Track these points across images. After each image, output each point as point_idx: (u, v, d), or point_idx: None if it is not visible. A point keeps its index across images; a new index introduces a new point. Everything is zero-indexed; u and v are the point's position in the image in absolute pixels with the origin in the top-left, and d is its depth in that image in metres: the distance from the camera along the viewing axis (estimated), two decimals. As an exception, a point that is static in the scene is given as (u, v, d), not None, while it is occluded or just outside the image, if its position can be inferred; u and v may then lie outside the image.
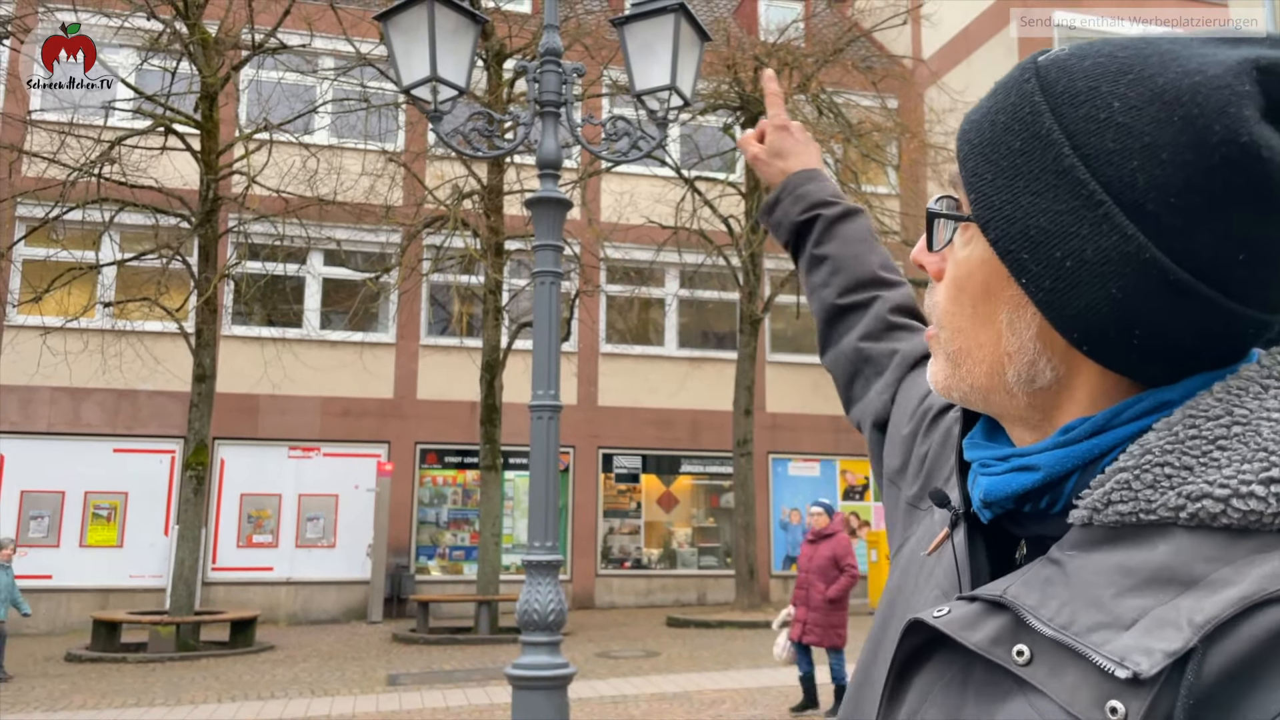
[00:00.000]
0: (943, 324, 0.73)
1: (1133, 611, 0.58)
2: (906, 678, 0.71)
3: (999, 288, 0.69)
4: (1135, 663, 0.55)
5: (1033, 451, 0.70)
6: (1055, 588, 0.63)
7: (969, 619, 0.66)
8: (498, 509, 14.74)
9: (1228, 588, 0.56)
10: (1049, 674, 0.60)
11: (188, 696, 9.60)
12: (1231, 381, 0.64)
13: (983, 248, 0.69)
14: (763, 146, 1.43)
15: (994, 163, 0.68)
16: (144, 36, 13.67)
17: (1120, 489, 0.63)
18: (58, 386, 15.56)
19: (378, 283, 15.52)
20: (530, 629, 5.03)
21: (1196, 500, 0.60)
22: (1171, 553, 0.60)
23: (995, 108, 0.69)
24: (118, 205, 13.29)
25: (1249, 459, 0.60)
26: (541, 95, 5.60)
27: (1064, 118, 0.65)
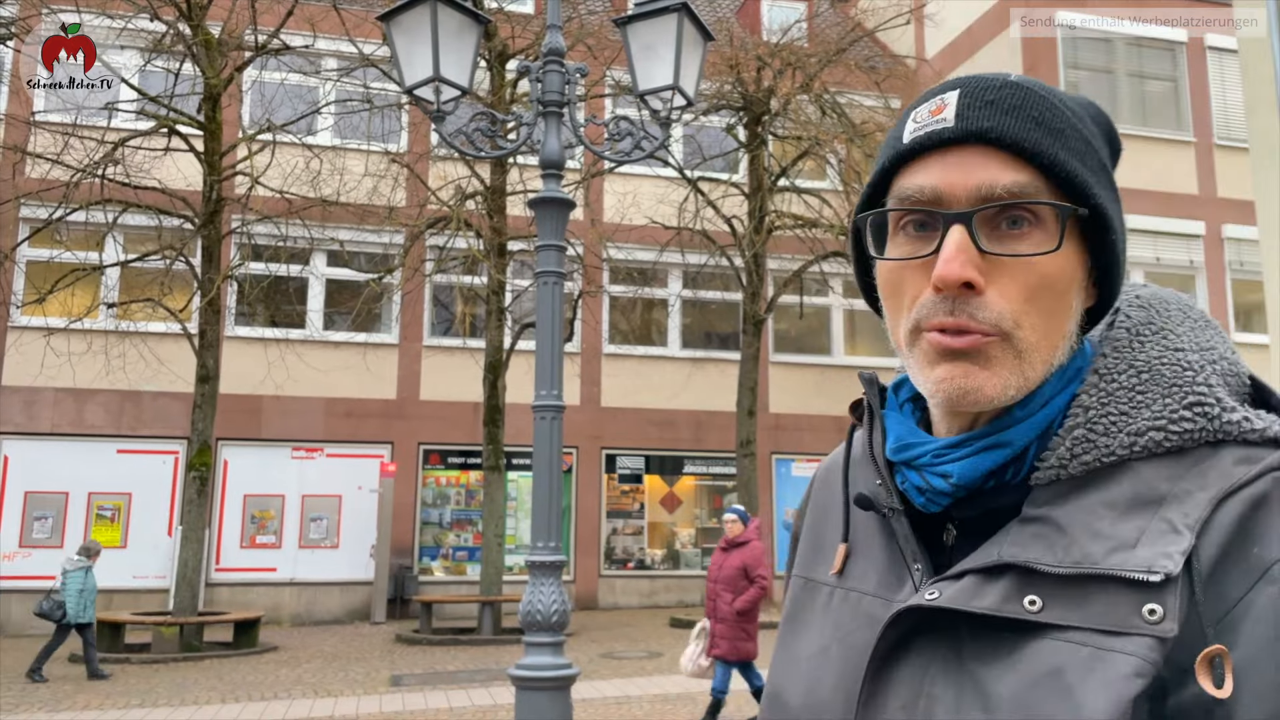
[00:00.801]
0: (1020, 324, 0.75)
1: (1132, 532, 0.70)
2: (887, 673, 0.77)
3: (1076, 276, 0.78)
4: (1162, 566, 0.67)
5: (997, 429, 0.78)
6: (1050, 537, 0.73)
7: (967, 591, 0.74)
8: (501, 509, 14.74)
9: (1198, 492, 0.71)
10: (1068, 609, 0.70)
11: (191, 697, 9.60)
12: (1110, 341, 0.80)
13: (1071, 243, 0.77)
14: None
15: (1083, 164, 0.78)
16: (147, 38, 13.69)
17: (1080, 443, 0.75)
18: (61, 387, 15.58)
19: (381, 283, 15.53)
20: (533, 630, 5.02)
21: (1142, 435, 0.74)
22: (1137, 481, 0.73)
23: (1059, 124, 0.78)
24: (121, 206, 13.30)
25: (1167, 394, 0.76)
26: (544, 95, 5.60)
27: (1084, 128, 0.80)
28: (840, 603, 0.86)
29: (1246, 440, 0.73)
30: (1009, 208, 0.75)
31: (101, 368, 15.05)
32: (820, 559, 0.93)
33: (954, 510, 0.81)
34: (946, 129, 0.77)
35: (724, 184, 16.94)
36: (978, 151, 0.76)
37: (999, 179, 0.75)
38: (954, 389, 0.76)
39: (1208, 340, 0.81)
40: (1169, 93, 18.28)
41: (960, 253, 0.74)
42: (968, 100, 0.78)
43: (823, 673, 0.84)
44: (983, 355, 0.75)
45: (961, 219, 0.75)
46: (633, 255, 17.84)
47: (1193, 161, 17.95)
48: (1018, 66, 17.65)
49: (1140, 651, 0.66)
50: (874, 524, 0.88)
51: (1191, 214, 17.64)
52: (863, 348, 19.89)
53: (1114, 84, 18.04)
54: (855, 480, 0.91)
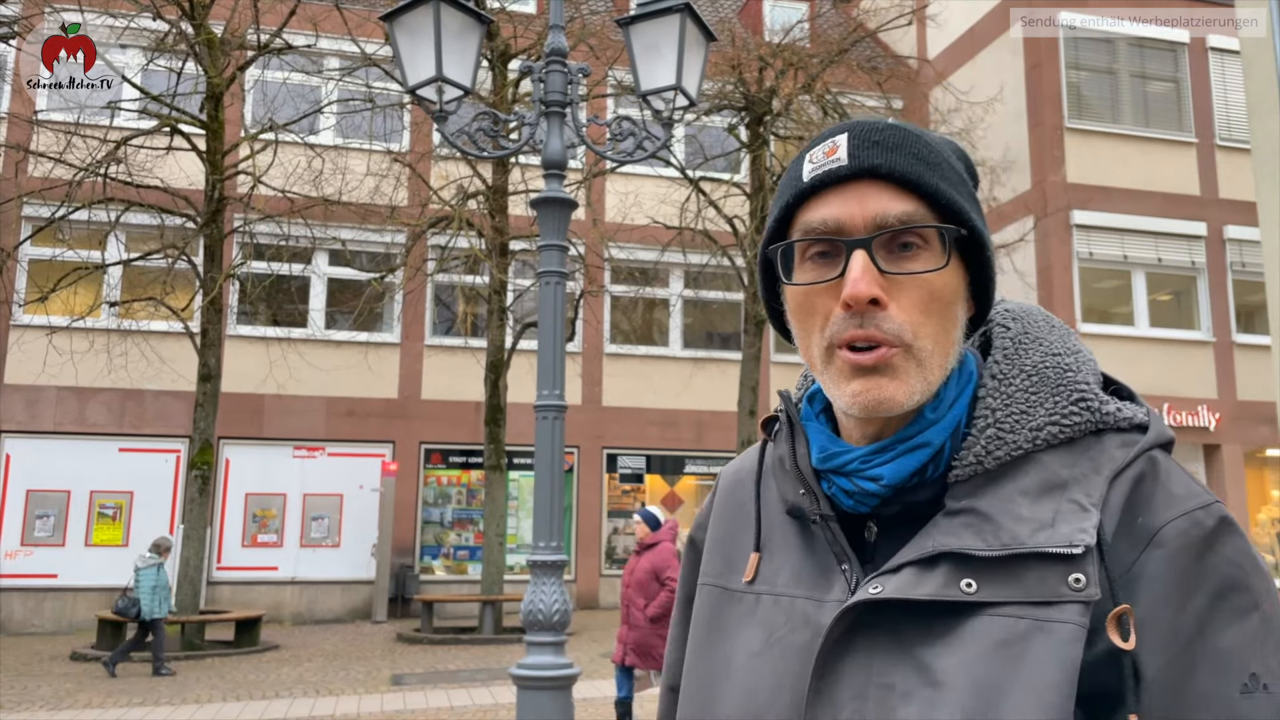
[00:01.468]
0: (918, 334, 0.85)
1: (1047, 513, 0.81)
2: (834, 668, 0.83)
3: (960, 290, 0.89)
4: (1081, 539, 0.79)
5: (916, 431, 0.87)
6: (977, 525, 0.82)
7: (908, 582, 0.82)
8: (502, 509, 14.75)
9: (1093, 475, 0.83)
10: (1001, 587, 0.79)
11: (192, 696, 9.61)
12: (999, 349, 0.92)
13: (954, 260, 0.88)
14: None
15: (959, 193, 0.89)
16: (150, 37, 13.70)
17: (993, 440, 0.86)
18: (64, 386, 15.59)
19: (382, 283, 15.53)
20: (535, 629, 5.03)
21: (1041, 430, 0.86)
22: (1041, 470, 0.84)
23: (933, 159, 0.89)
24: (123, 205, 13.31)
25: (1055, 394, 0.87)
26: (547, 95, 5.60)
27: (952, 162, 0.92)
28: (769, 607, 0.91)
29: (1120, 428, 0.87)
30: (900, 233, 0.86)
31: (103, 366, 15.06)
32: (732, 568, 0.98)
33: (878, 509, 0.89)
34: (841, 167, 0.88)
35: (726, 184, 16.93)
36: (870, 185, 0.87)
37: (890, 208, 0.86)
38: (869, 400, 0.85)
39: (1074, 344, 0.93)
40: (1170, 93, 18.27)
41: (865, 273, 0.84)
42: (857, 141, 0.88)
43: (761, 677, 0.88)
44: (889, 368, 0.85)
45: (862, 244, 0.85)
46: (634, 255, 17.84)
47: (1194, 162, 17.94)
48: (1019, 67, 17.65)
49: (1073, 618, 0.77)
50: (792, 530, 0.95)
51: (1193, 215, 17.63)
52: (864, 348, 19.85)
53: (1115, 84, 18.03)
54: (767, 492, 0.99)
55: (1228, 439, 16.89)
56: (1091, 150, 17.26)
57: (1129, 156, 17.48)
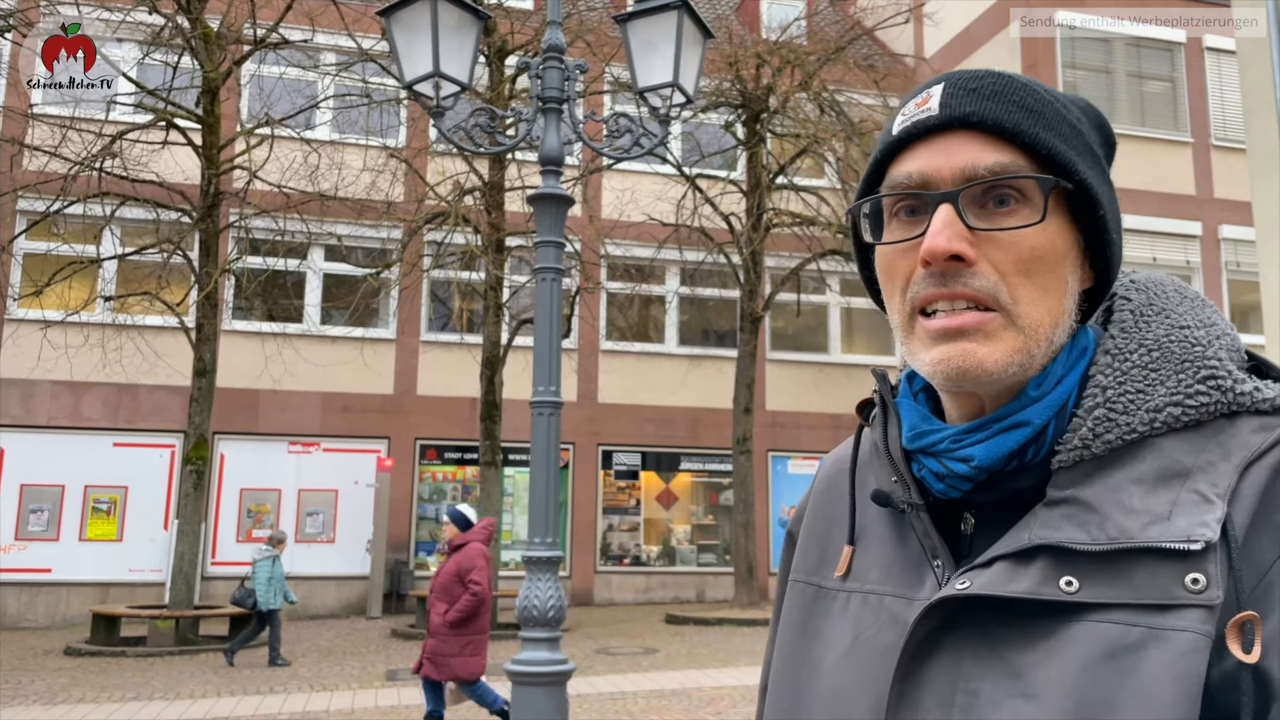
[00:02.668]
0: (1018, 299, 0.77)
1: (1164, 505, 0.71)
2: (918, 672, 0.76)
3: (1068, 250, 0.80)
4: (1200, 534, 0.69)
5: (1015, 409, 0.79)
6: (1081, 517, 0.74)
7: (1000, 577, 0.74)
8: (498, 505, 14.74)
9: (1222, 462, 0.72)
10: (1107, 587, 0.70)
11: (187, 690, 9.61)
12: (1117, 323, 0.82)
13: (1059, 218, 0.80)
14: None
15: (1068, 144, 0.80)
16: (146, 31, 13.66)
17: (1102, 421, 0.76)
18: (58, 380, 15.56)
19: (378, 279, 15.51)
20: (530, 625, 5.03)
21: (1161, 411, 0.76)
22: (1160, 456, 0.74)
23: (1040, 108, 0.81)
24: (119, 200, 13.27)
25: (1180, 370, 0.77)
26: (544, 91, 5.60)
27: (1069, 114, 0.82)
28: (859, 606, 0.85)
29: (1259, 410, 0.76)
30: (994, 186, 0.78)
31: (98, 361, 15.03)
32: (826, 563, 0.92)
33: (973, 496, 0.81)
34: (931, 117, 0.80)
35: (722, 181, 16.94)
36: (961, 136, 0.79)
37: (981, 159, 0.78)
38: (953, 367, 0.77)
39: (1209, 317, 0.82)
40: (1167, 93, 18.30)
41: (946, 227, 0.76)
42: (951, 90, 0.81)
43: (846, 678, 0.82)
44: (981, 333, 0.77)
45: (947, 198, 0.77)
46: (631, 252, 17.84)
47: (1190, 162, 17.98)
48: (1016, 66, 17.66)
49: (1194, 625, 0.67)
50: (885, 523, 0.88)
51: (1188, 214, 17.67)
52: (860, 346, 19.90)
53: (1112, 84, 18.05)
54: (864, 482, 0.91)
55: (1222, 438, 16.91)
56: (1088, 149, 17.28)
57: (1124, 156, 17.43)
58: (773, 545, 18.54)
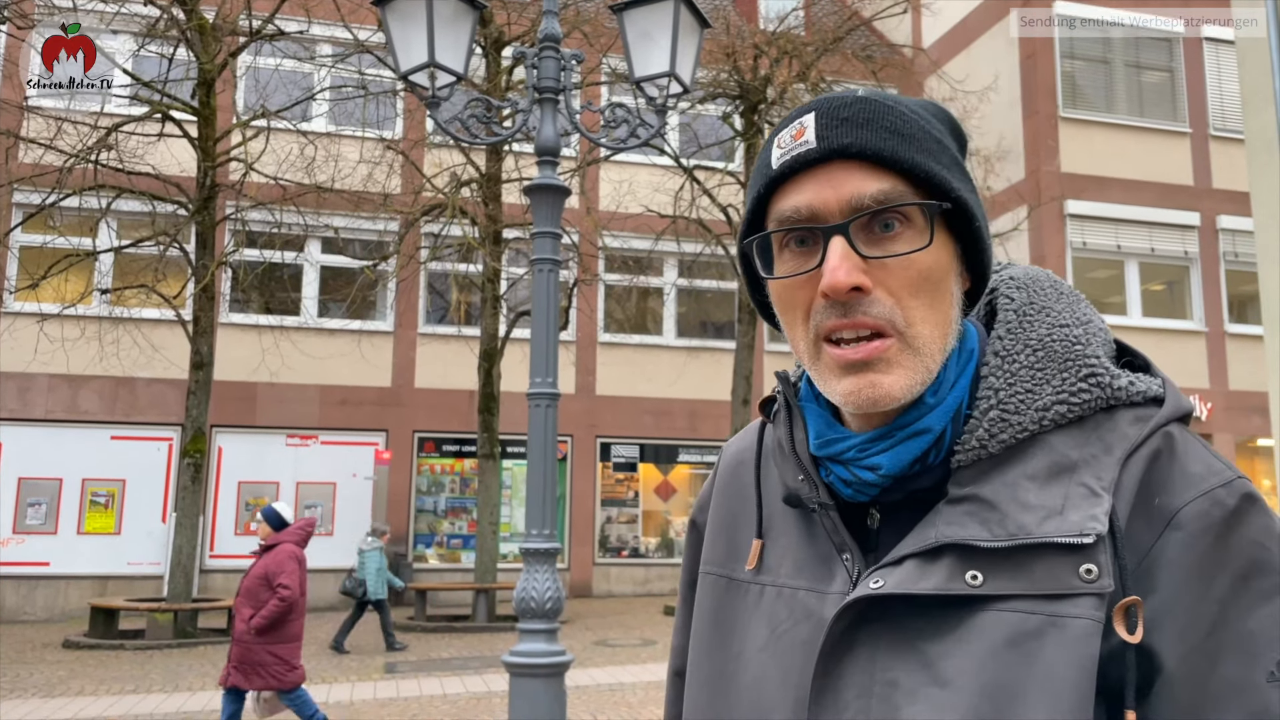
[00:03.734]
0: (911, 320, 0.80)
1: (1056, 500, 0.76)
2: (837, 665, 0.79)
3: (950, 264, 0.84)
4: (1091, 528, 0.74)
5: (916, 418, 0.83)
6: (982, 514, 0.78)
7: (911, 575, 0.78)
8: (495, 497, 14.75)
9: (1104, 456, 0.78)
10: (1009, 579, 0.75)
11: (185, 684, 9.61)
12: (1002, 323, 0.86)
13: (941, 234, 0.82)
14: None
15: (939, 163, 0.82)
16: (141, 22, 13.60)
17: (996, 422, 0.81)
18: (55, 373, 15.54)
19: (376, 271, 15.48)
20: (528, 617, 5.03)
21: (1049, 409, 0.80)
22: (1050, 452, 0.79)
23: (909, 130, 0.83)
24: (115, 192, 13.23)
25: (1063, 369, 0.81)
26: (540, 82, 5.57)
27: (933, 128, 0.85)
28: (772, 599, 0.88)
29: (1133, 402, 0.81)
30: (879, 213, 0.80)
31: (95, 354, 15.00)
32: (735, 555, 0.94)
33: (878, 496, 0.85)
34: (811, 150, 0.82)
35: (720, 172, 16.91)
36: (841, 166, 0.81)
37: (865, 188, 0.80)
38: (863, 399, 0.81)
39: (1085, 314, 0.87)
40: (1165, 84, 18.26)
41: (844, 260, 0.79)
42: (824, 120, 0.83)
43: (766, 671, 0.85)
44: (884, 361, 0.80)
45: (839, 230, 0.80)
46: (628, 244, 17.81)
47: (1188, 152, 17.95)
48: (1015, 57, 17.63)
49: (1088, 612, 0.72)
50: (793, 517, 0.91)
51: (1187, 205, 17.65)
52: (858, 337, 19.88)
53: (1110, 75, 18.02)
54: (768, 475, 0.94)
55: (1220, 429, 16.95)
56: (1086, 140, 17.26)
57: (1123, 146, 17.48)
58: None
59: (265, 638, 6.16)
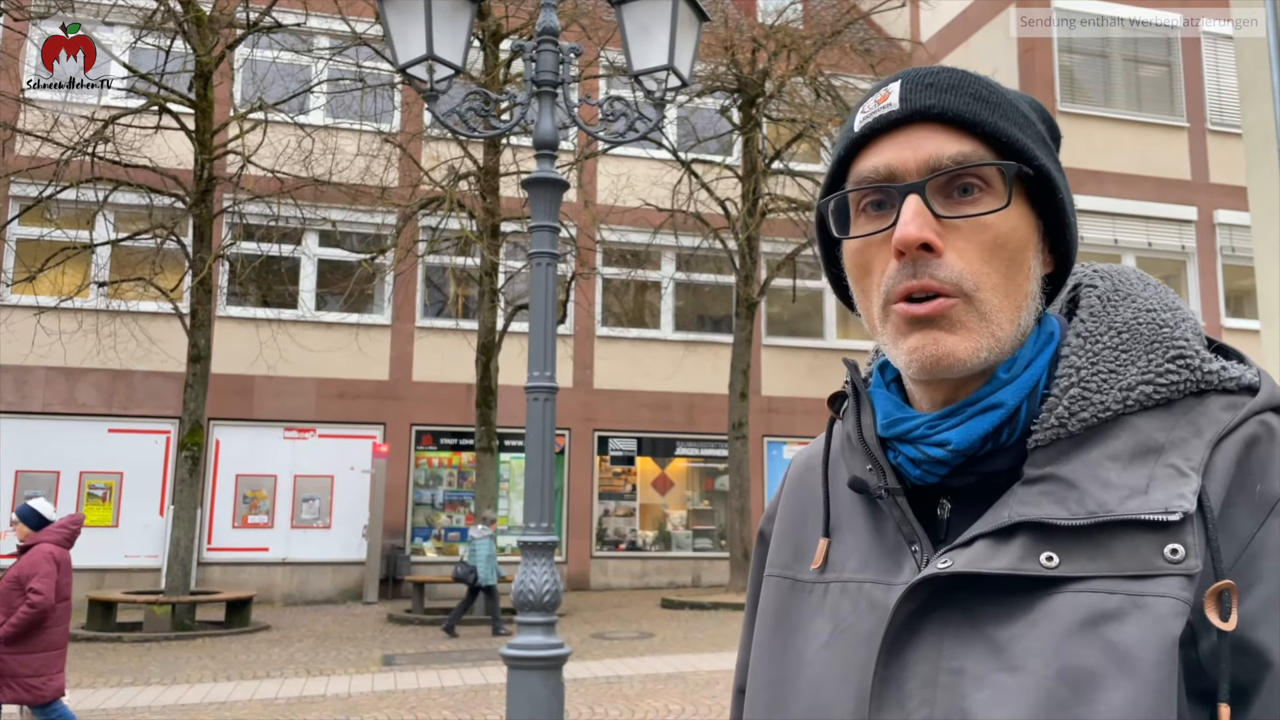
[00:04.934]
0: (979, 285, 0.79)
1: (1140, 479, 0.73)
2: (900, 655, 0.76)
3: (1030, 237, 0.82)
4: (1178, 505, 0.71)
5: (988, 393, 0.81)
6: (1059, 493, 0.75)
7: (981, 555, 0.75)
8: (493, 490, 14.76)
9: (1194, 438, 0.75)
10: (1087, 560, 0.72)
11: (183, 676, 9.63)
12: (1085, 307, 0.84)
13: (1020, 205, 0.81)
14: None
15: (1028, 135, 0.82)
16: (138, 14, 13.56)
17: (1077, 400, 0.78)
18: (52, 366, 15.52)
19: (373, 264, 15.47)
20: (525, 609, 5.04)
21: (1133, 390, 0.78)
22: (1134, 433, 0.76)
23: (994, 99, 0.83)
24: (112, 185, 13.20)
25: (1150, 351, 0.79)
26: (538, 75, 5.57)
27: (1020, 106, 0.85)
28: (837, 595, 0.85)
29: (1226, 388, 0.78)
30: (958, 175, 0.80)
31: (92, 347, 14.99)
32: (801, 557, 0.92)
33: (948, 481, 0.82)
34: (893, 111, 0.82)
35: (718, 166, 16.90)
36: (923, 128, 0.81)
37: (944, 149, 0.80)
38: (926, 356, 0.79)
39: (1173, 301, 0.85)
40: (1163, 78, 18.26)
41: (917, 216, 0.78)
42: (910, 85, 0.83)
43: (828, 668, 0.82)
44: (948, 320, 0.78)
45: (915, 189, 0.79)
46: (626, 237, 17.81)
47: (1186, 147, 17.95)
48: (1013, 51, 17.61)
49: (1173, 591, 0.69)
50: (862, 512, 0.88)
51: (1184, 199, 17.66)
52: (855, 331, 19.90)
53: (1108, 68, 18.01)
54: (837, 475, 0.92)
55: (1216, 423, 16.97)
56: (1084, 134, 17.26)
57: (1121, 140, 17.48)
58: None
59: (16, 647, 5.58)
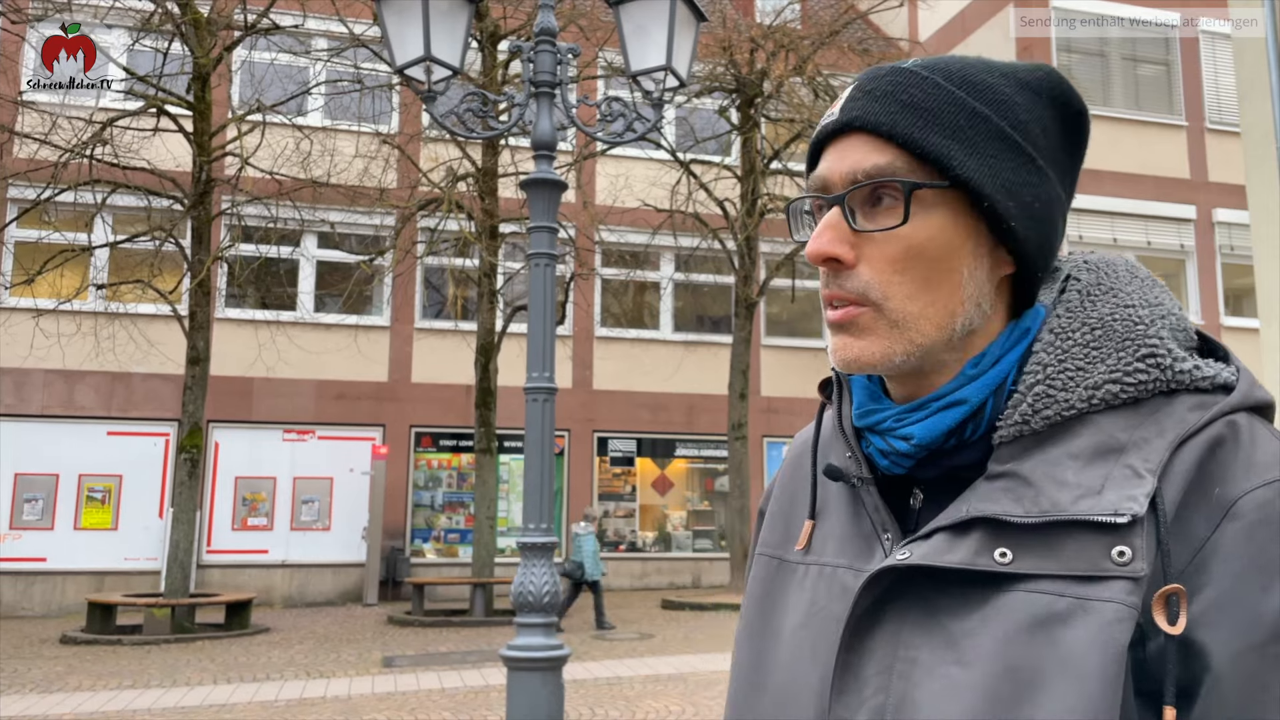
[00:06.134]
0: (888, 295, 0.80)
1: (1096, 479, 0.73)
2: (861, 640, 0.79)
3: (959, 245, 0.80)
4: (1127, 508, 0.70)
5: (953, 389, 0.81)
6: (1017, 490, 0.75)
7: (938, 548, 0.76)
8: (493, 492, 14.75)
9: (1156, 439, 0.74)
10: (1039, 558, 0.73)
11: (183, 678, 9.62)
12: (1063, 302, 0.83)
13: (944, 213, 0.80)
14: None
15: (954, 138, 0.79)
16: (135, 16, 13.56)
17: (1041, 398, 0.78)
18: (51, 369, 15.52)
19: (372, 265, 15.47)
20: (525, 610, 5.03)
21: (1099, 388, 0.77)
22: (1096, 432, 0.76)
23: (931, 103, 0.80)
24: (110, 187, 13.19)
25: (1120, 349, 0.78)
26: (536, 76, 5.56)
27: (978, 99, 0.81)
28: (815, 578, 0.88)
29: (1198, 388, 0.77)
30: (878, 186, 0.80)
31: (91, 349, 14.98)
32: (789, 538, 0.95)
33: (917, 472, 0.84)
34: (831, 121, 0.84)
35: (716, 167, 16.90)
36: (855, 138, 0.82)
37: (863, 162, 0.80)
38: (840, 358, 0.82)
39: (1155, 297, 0.83)
40: (1161, 76, 18.27)
41: (827, 230, 0.81)
42: (853, 92, 0.84)
43: (801, 647, 0.85)
44: (856, 326, 0.81)
45: (834, 201, 0.81)
46: (625, 238, 17.81)
47: (1184, 145, 17.96)
48: (1010, 50, 17.61)
49: (1119, 596, 0.69)
50: (843, 497, 0.90)
51: (1183, 198, 17.67)
52: (854, 331, 19.90)
53: (1107, 67, 18.02)
54: (825, 459, 0.94)
55: (1215, 422, 16.99)
56: (1082, 133, 17.27)
57: (1119, 139, 17.49)
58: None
59: None
